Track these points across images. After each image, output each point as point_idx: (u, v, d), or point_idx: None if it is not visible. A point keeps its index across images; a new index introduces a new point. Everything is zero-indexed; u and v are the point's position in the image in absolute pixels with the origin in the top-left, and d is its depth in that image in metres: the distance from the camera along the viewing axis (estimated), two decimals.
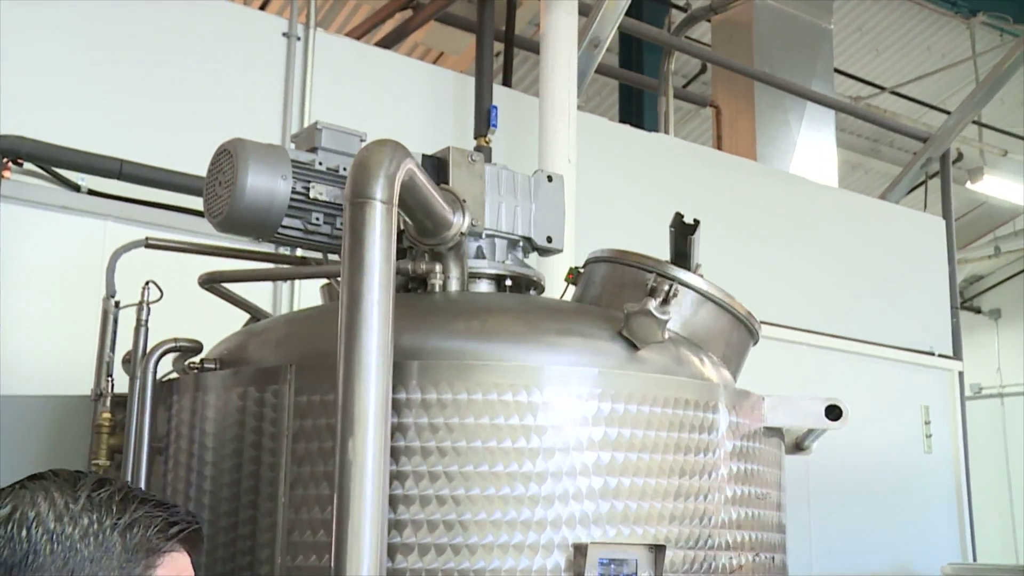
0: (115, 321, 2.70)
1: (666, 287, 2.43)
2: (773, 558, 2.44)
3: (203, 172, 2.62)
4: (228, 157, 2.49)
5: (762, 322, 2.85)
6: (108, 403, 2.60)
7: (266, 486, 2.21)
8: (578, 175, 4.75)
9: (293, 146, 2.74)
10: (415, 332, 2.28)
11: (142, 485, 2.39)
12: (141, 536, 1.11)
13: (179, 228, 4.01)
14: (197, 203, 3.22)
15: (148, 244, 2.75)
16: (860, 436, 5.83)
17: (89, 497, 1.10)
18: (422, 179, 2.30)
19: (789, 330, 5.84)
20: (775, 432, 2.57)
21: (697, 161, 6.06)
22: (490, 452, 2.13)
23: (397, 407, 2.12)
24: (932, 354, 6.55)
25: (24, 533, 1.07)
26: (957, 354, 6.74)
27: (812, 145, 7.23)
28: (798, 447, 2.82)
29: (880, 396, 6.13)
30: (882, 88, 9.54)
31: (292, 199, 2.52)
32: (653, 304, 2.34)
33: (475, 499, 2.10)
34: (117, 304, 2.72)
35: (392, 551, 2.05)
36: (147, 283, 2.57)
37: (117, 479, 1.19)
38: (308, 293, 4.22)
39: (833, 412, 2.46)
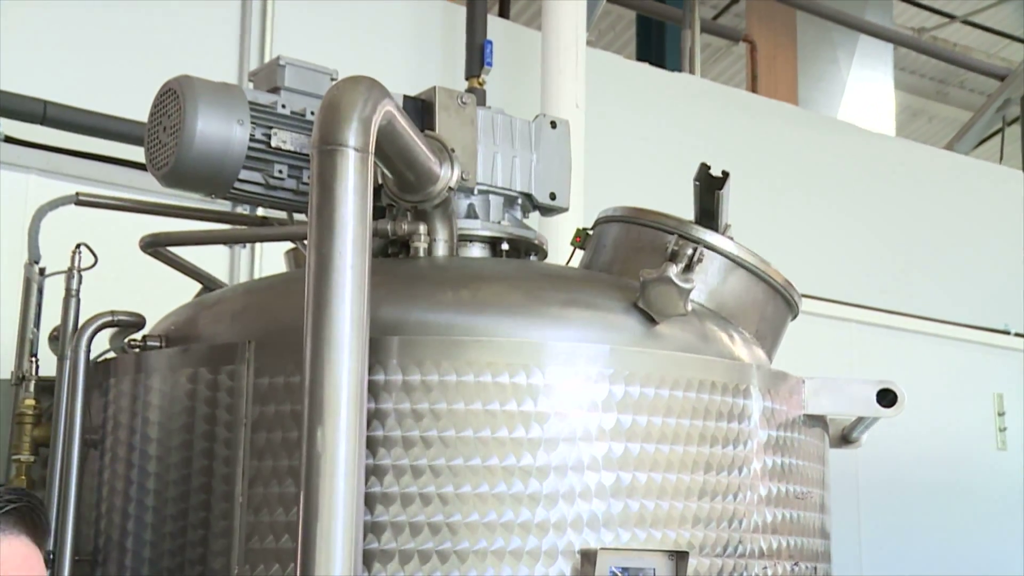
0: (40, 291, 2.72)
1: (689, 251, 2.44)
2: (815, 568, 2.47)
3: (144, 117, 2.62)
4: (174, 98, 2.49)
5: (803, 295, 2.87)
6: (32, 388, 2.62)
7: (220, 484, 2.23)
8: (587, 122, 4.75)
9: (251, 86, 2.74)
10: (395, 302, 2.29)
11: (72, 483, 2.42)
12: None
13: (116, 184, 4.02)
14: (138, 154, 3.22)
15: (79, 201, 2.76)
16: (920, 428, 5.86)
17: None
18: (403, 124, 2.30)
19: (835, 304, 5.85)
20: (818, 421, 2.59)
21: (728, 106, 6.05)
22: (483, 443, 2.15)
23: (374, 390, 2.14)
24: (1007, 333, 6.56)
25: None
26: None
27: (865, 87, 7.23)
28: (845, 439, 2.84)
29: (945, 382, 6.15)
30: (951, 17, 9.49)
31: (250, 148, 2.52)
32: (674, 271, 2.35)
33: (465, 498, 2.12)
34: (42, 271, 2.73)
35: (368, 559, 2.08)
36: (78, 246, 2.58)
37: None
38: (271, 260, 4.23)
39: (886, 397, 2.48)
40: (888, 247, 6.23)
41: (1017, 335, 6.61)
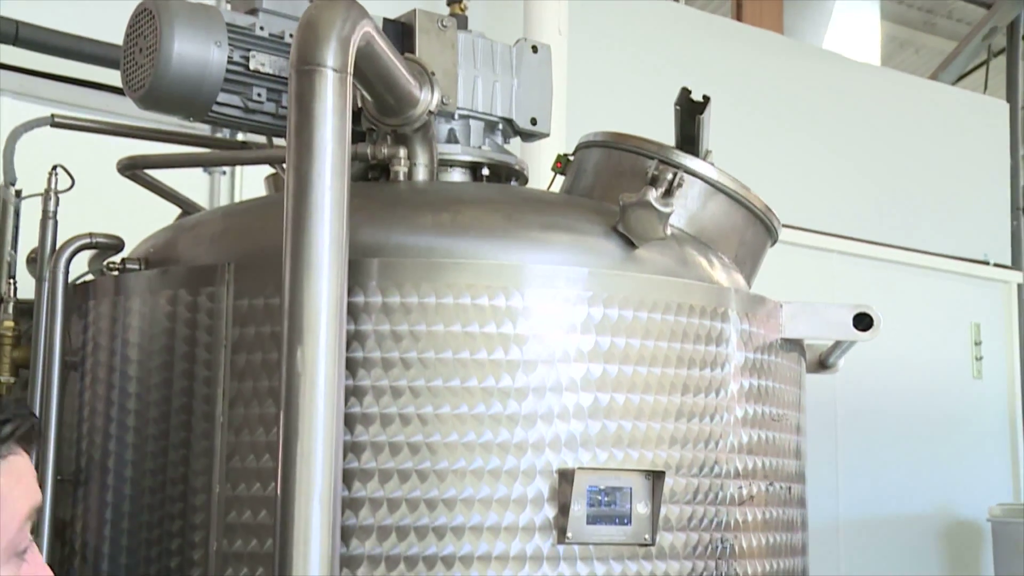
0: (16, 214, 2.72)
1: (669, 176, 2.45)
2: (790, 488, 2.52)
3: (119, 39, 2.61)
4: (149, 18, 2.47)
5: (785, 225, 2.89)
6: (11, 310, 2.63)
7: (201, 405, 2.26)
8: (569, 49, 4.73)
9: (228, 7, 2.72)
10: (375, 225, 2.30)
11: (53, 405, 2.44)
12: None
13: (92, 108, 3.99)
14: (115, 77, 3.20)
15: (55, 123, 2.75)
16: (898, 358, 5.93)
17: None
18: (382, 45, 2.30)
19: (816, 235, 5.89)
20: (795, 345, 2.63)
21: (713, 34, 6.02)
22: (462, 364, 2.17)
23: (354, 312, 2.16)
24: (986, 263, 6.62)
25: None
26: (1016, 264, 6.82)
27: (851, 16, 7.19)
28: (822, 364, 2.89)
29: (923, 312, 6.21)
30: None
31: (228, 71, 2.51)
32: (654, 195, 2.36)
33: (444, 418, 2.15)
34: (18, 194, 2.73)
35: (348, 477, 2.11)
36: (54, 168, 2.57)
37: None
38: (251, 187, 4.23)
39: (863, 321, 2.51)
40: (870, 177, 6.25)
41: (997, 265, 6.66)
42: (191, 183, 3.92)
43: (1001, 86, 7.41)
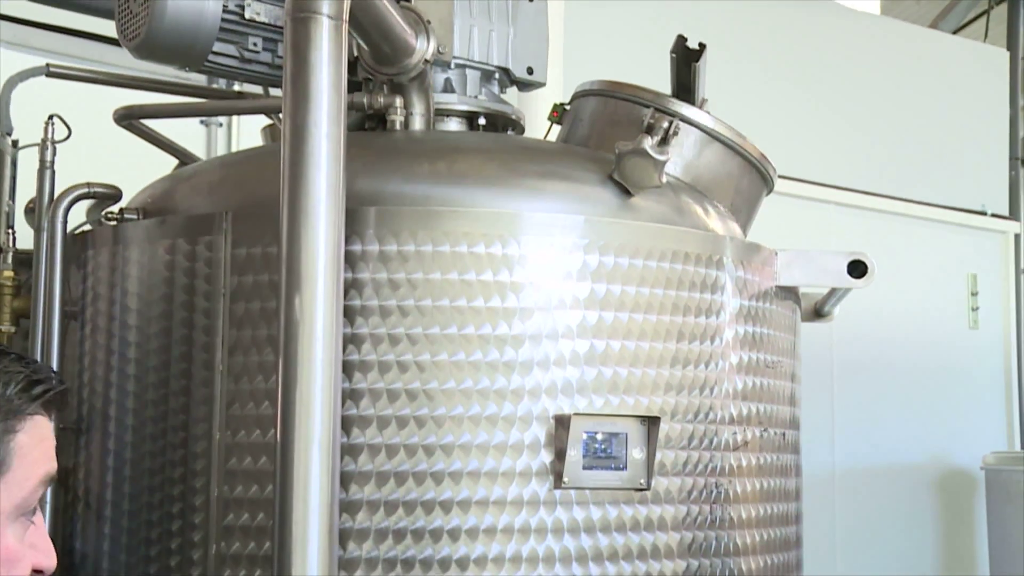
0: (13, 164, 2.72)
1: (665, 124, 2.46)
2: (784, 434, 2.55)
3: None
4: None
5: (780, 176, 2.90)
6: (10, 259, 2.64)
7: (200, 353, 2.28)
8: None
9: None
10: (372, 174, 2.31)
11: (54, 354, 2.46)
12: (0, 395, 1.13)
13: (88, 59, 3.97)
14: (110, 28, 3.19)
15: (50, 72, 2.75)
16: (894, 309, 5.95)
17: None
18: None
19: (812, 185, 5.89)
20: (790, 293, 2.65)
21: None
22: (459, 312, 2.19)
23: (351, 260, 2.17)
24: (984, 214, 6.61)
25: None
26: (1014, 214, 6.82)
27: None
28: (817, 313, 2.91)
29: (919, 263, 6.23)
30: None
31: (224, 20, 2.51)
32: (649, 143, 2.37)
33: (442, 365, 2.18)
34: (15, 144, 2.73)
35: (347, 423, 2.14)
36: (50, 117, 2.58)
37: None
38: (248, 139, 4.22)
39: (857, 268, 2.53)
40: (868, 127, 6.23)
41: (994, 216, 6.66)
42: (188, 135, 3.92)
43: (1002, 35, 7.36)
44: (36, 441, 1.17)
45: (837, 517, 5.79)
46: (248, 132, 4.19)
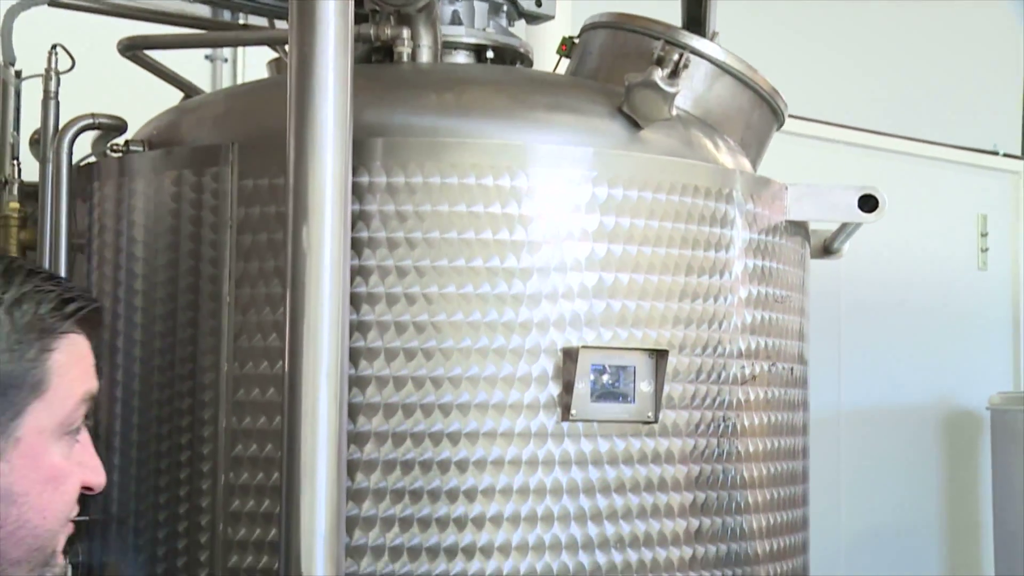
0: (17, 95, 2.70)
1: (675, 56, 2.42)
2: (792, 369, 2.55)
3: None
4: None
5: (789, 116, 2.88)
6: (16, 191, 2.63)
7: (208, 285, 2.28)
8: None
9: None
10: (379, 106, 2.30)
11: None
12: (32, 314, 1.12)
13: None
14: None
15: (52, 1, 2.72)
16: (903, 249, 5.94)
17: None
18: None
19: (820, 125, 5.84)
20: (800, 228, 2.64)
21: None
22: (467, 244, 2.19)
23: (358, 192, 2.16)
24: (995, 153, 6.56)
25: None
26: None
27: None
28: (827, 250, 2.90)
29: (929, 203, 6.19)
30: None
31: None
32: (659, 75, 2.35)
33: (450, 298, 2.17)
34: (18, 74, 2.71)
35: (355, 356, 2.14)
36: (54, 47, 2.56)
37: None
38: (254, 74, 4.19)
39: (868, 203, 2.51)
40: (877, 65, 6.17)
41: (1006, 156, 6.61)
42: (193, 72, 3.90)
43: None
44: (74, 360, 1.16)
45: (842, 457, 5.82)
46: (253, 67, 4.16)
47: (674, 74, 2.40)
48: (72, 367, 1.15)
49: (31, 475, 1.11)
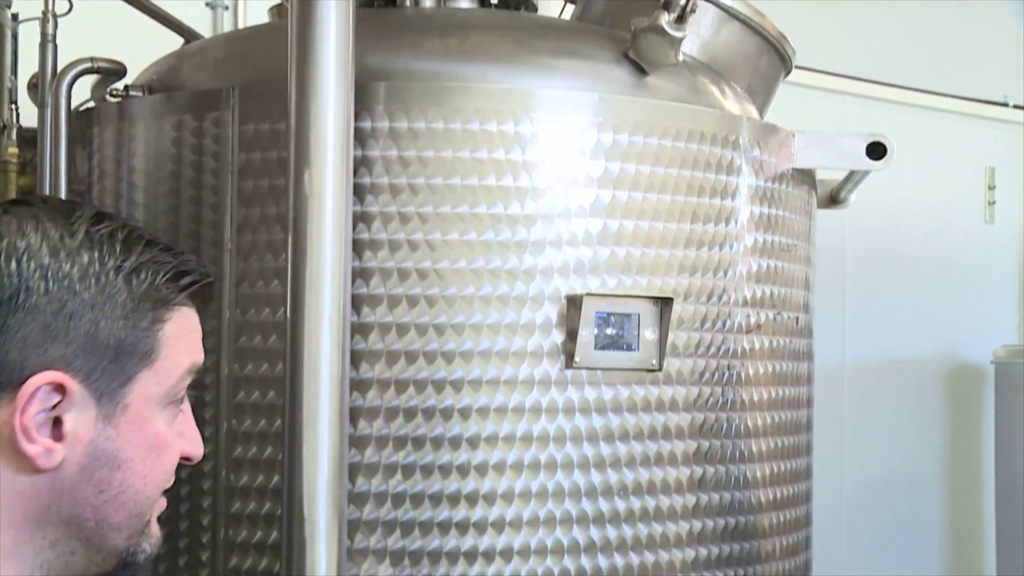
0: (14, 38, 2.68)
1: (682, 1, 2.40)
2: (797, 318, 2.54)
3: None
4: None
5: (796, 67, 2.85)
6: (14, 136, 2.62)
7: (209, 231, 2.26)
8: None
9: None
10: (382, 50, 2.27)
11: None
12: (149, 283, 1.12)
13: None
14: None
15: None
16: (908, 202, 5.91)
17: (88, 233, 1.10)
18: None
19: (827, 76, 5.79)
20: (807, 176, 2.62)
21: None
22: (470, 191, 2.17)
23: (361, 137, 2.14)
24: (1005, 105, 6.51)
25: (14, 266, 1.07)
26: None
27: None
28: (833, 200, 2.88)
29: (936, 155, 6.15)
30: None
31: None
32: (666, 19, 2.31)
33: (453, 244, 2.16)
34: (15, 17, 2.69)
35: (357, 303, 2.13)
36: None
37: (114, 214, 1.19)
38: (255, 20, 4.15)
39: (876, 150, 2.49)
40: (883, 15, 6.11)
41: (1016, 107, 6.55)
42: (194, 17, 3.86)
43: None
44: (184, 332, 1.16)
45: (846, 410, 5.83)
46: (255, 13, 4.12)
47: (681, 19, 2.36)
48: (182, 338, 1.16)
49: (136, 441, 1.13)
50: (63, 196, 2.45)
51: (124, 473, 1.12)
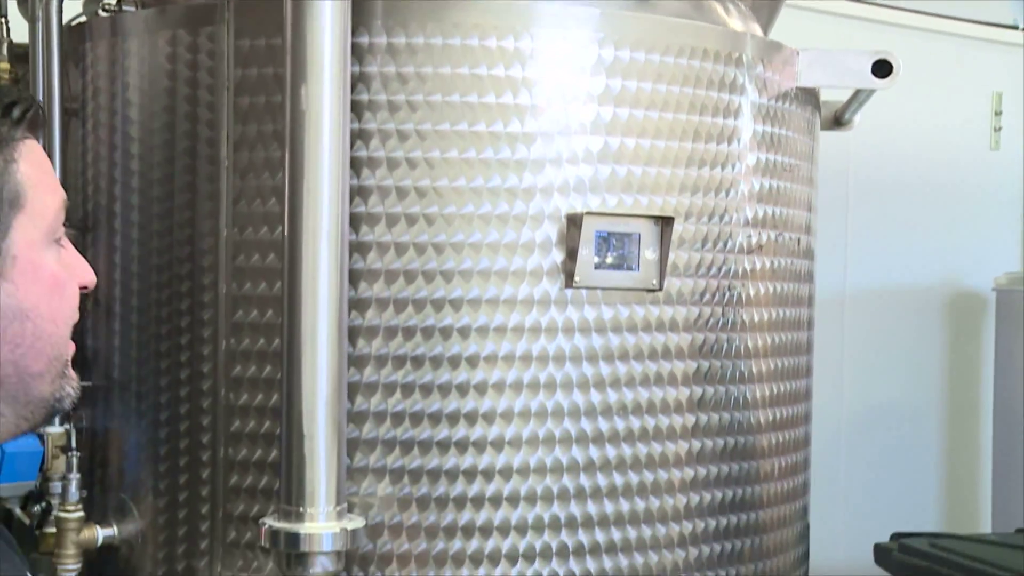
0: None
1: None
2: (799, 239, 2.54)
3: None
4: None
5: None
6: (5, 51, 2.59)
7: (205, 148, 2.25)
8: None
9: None
10: None
11: (56, 153, 2.43)
12: None
13: None
14: None
15: None
16: (913, 127, 5.87)
17: None
18: None
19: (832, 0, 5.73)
20: (811, 95, 2.59)
21: None
22: (470, 108, 2.15)
23: (358, 53, 2.12)
24: (1015, 28, 6.43)
25: None
26: None
27: None
28: (837, 121, 2.86)
29: (943, 80, 6.09)
30: None
31: None
32: None
33: (452, 162, 2.15)
34: None
35: (355, 221, 2.12)
36: None
37: None
38: None
39: (882, 68, 2.46)
40: None
41: None
42: None
43: None
44: (38, 169, 1.17)
45: (846, 337, 5.84)
46: None
47: None
48: (41, 176, 1.17)
49: (35, 288, 1.14)
50: (57, 114, 2.43)
51: (34, 322, 1.14)
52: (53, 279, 1.16)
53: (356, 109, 2.12)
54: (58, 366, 1.18)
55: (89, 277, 1.24)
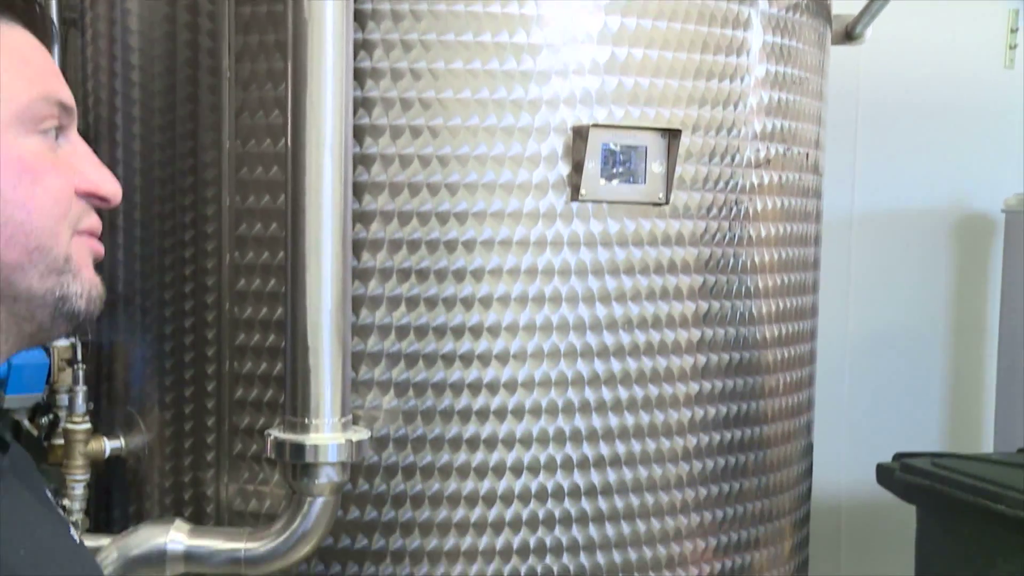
0: None
1: None
2: (807, 154, 2.52)
3: None
4: None
5: None
6: None
7: (207, 59, 2.22)
8: None
9: None
10: None
11: (55, 63, 2.41)
12: None
13: None
14: None
15: None
16: (925, 44, 5.81)
17: None
18: None
19: None
20: (821, 6, 2.56)
21: None
22: (474, 17, 2.13)
23: (361, 20, 2.08)
24: None
25: None
26: None
27: None
28: (848, 35, 2.83)
29: None
30: None
31: None
32: None
33: (456, 73, 2.13)
34: None
35: (359, 133, 2.11)
36: None
37: None
38: None
39: None
40: None
41: None
42: None
43: None
44: (15, 56, 1.12)
45: (853, 261, 5.84)
46: None
47: None
48: (13, 62, 1.12)
49: None
50: (55, 24, 2.40)
51: None
52: (21, 163, 1.10)
53: (359, 18, 2.09)
54: (44, 259, 1.12)
55: (101, 187, 1.18)
